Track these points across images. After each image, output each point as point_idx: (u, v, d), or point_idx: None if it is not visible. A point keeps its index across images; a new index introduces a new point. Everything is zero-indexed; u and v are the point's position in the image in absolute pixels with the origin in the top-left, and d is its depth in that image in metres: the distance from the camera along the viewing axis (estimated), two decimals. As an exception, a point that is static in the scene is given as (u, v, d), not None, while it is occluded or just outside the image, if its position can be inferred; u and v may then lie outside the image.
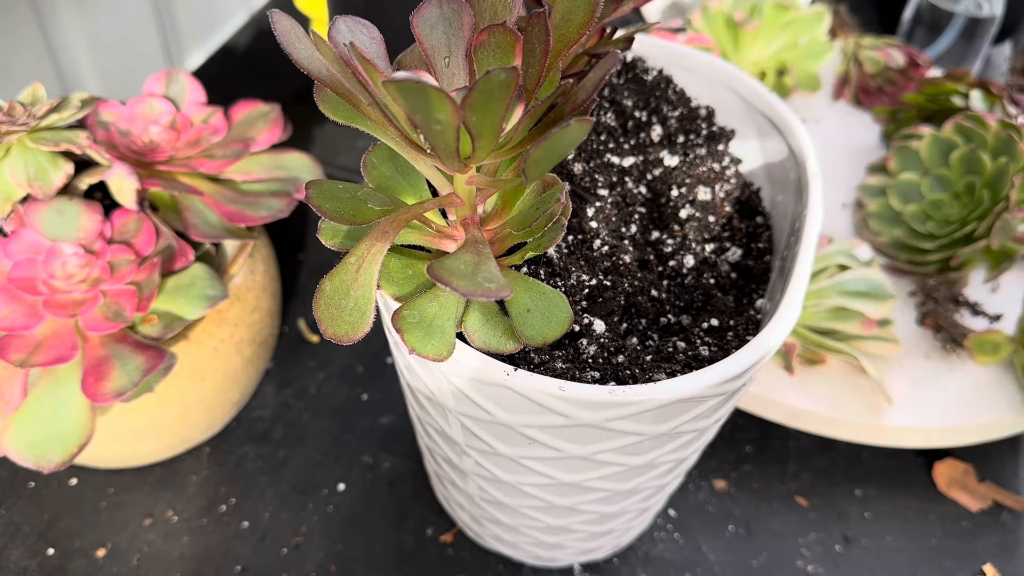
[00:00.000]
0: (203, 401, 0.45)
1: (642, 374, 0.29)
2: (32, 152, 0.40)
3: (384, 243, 0.26)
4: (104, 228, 0.40)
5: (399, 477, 0.48)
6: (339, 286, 0.26)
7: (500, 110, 0.21)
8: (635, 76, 0.40)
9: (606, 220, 0.34)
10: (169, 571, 0.44)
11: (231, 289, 0.43)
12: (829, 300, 0.49)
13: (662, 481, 0.36)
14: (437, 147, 0.23)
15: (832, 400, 0.48)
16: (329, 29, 0.24)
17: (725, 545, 0.47)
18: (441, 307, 0.27)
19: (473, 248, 0.25)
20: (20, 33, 0.58)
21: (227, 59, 0.75)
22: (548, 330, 0.28)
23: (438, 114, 0.21)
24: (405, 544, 0.46)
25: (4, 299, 0.38)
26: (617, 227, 0.34)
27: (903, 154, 0.58)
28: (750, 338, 0.31)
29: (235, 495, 0.47)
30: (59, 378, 0.38)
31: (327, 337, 0.26)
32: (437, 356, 0.27)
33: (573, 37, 0.26)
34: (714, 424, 0.33)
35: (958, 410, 0.49)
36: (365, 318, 0.26)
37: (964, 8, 0.70)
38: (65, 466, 0.37)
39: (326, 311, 0.26)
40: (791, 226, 0.34)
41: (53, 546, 0.44)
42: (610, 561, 0.45)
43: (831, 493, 0.49)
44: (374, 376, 0.53)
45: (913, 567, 0.46)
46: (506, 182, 0.26)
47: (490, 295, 0.23)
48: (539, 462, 0.32)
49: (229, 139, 0.46)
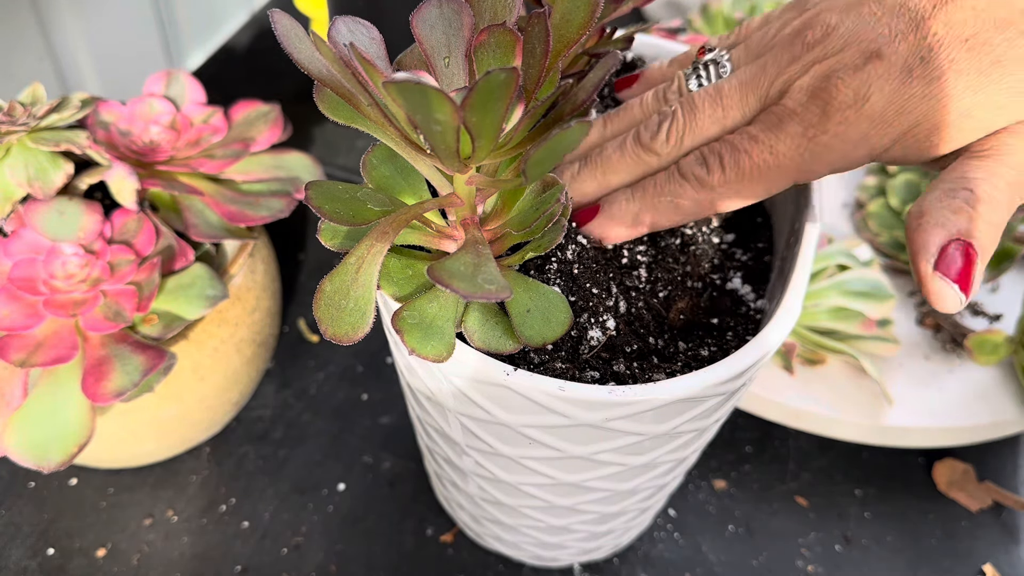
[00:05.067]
0: (203, 401, 0.45)
1: (642, 374, 0.29)
2: (32, 152, 0.40)
3: (384, 243, 0.26)
4: (104, 228, 0.40)
5: (399, 477, 0.48)
6: (339, 286, 0.26)
7: (500, 111, 0.21)
8: (635, 76, 0.40)
9: None
10: (169, 571, 0.44)
11: (231, 289, 0.43)
12: (829, 300, 0.49)
13: (662, 481, 0.36)
14: (437, 147, 0.23)
15: (832, 400, 0.48)
16: (329, 29, 0.24)
17: (725, 545, 0.47)
18: (441, 307, 0.27)
19: (473, 249, 0.25)
20: (21, 33, 0.58)
21: (227, 59, 0.75)
22: (548, 331, 0.28)
23: (438, 115, 0.21)
24: (405, 544, 0.46)
25: (4, 299, 0.38)
26: None
27: (903, 154, 0.58)
28: (750, 338, 0.31)
29: (235, 495, 0.47)
30: (59, 378, 0.38)
31: (327, 338, 0.26)
32: (437, 357, 0.27)
33: (573, 37, 0.26)
34: (714, 424, 0.33)
35: (958, 410, 0.49)
36: (365, 318, 0.26)
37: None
38: (65, 466, 0.37)
39: (326, 311, 0.26)
40: (791, 226, 0.34)
41: (53, 546, 0.44)
42: (610, 561, 0.45)
43: (831, 493, 0.49)
44: (374, 376, 0.53)
45: (913, 567, 0.47)
46: (506, 182, 0.26)
47: (490, 297, 0.23)
48: (539, 462, 0.32)
49: (229, 139, 0.46)
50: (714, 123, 0.30)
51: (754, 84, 0.30)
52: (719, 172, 0.29)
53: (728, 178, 0.29)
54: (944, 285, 0.26)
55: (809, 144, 0.28)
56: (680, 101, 0.31)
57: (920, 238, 0.27)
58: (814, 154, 0.28)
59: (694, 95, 0.31)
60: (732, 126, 0.30)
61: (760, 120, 0.29)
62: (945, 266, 0.26)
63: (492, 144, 0.23)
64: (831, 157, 0.28)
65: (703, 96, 0.31)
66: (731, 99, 0.30)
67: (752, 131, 0.29)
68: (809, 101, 0.28)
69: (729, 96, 0.30)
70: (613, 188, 0.32)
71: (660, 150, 0.31)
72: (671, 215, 0.31)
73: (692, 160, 0.30)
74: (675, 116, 0.31)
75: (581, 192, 0.33)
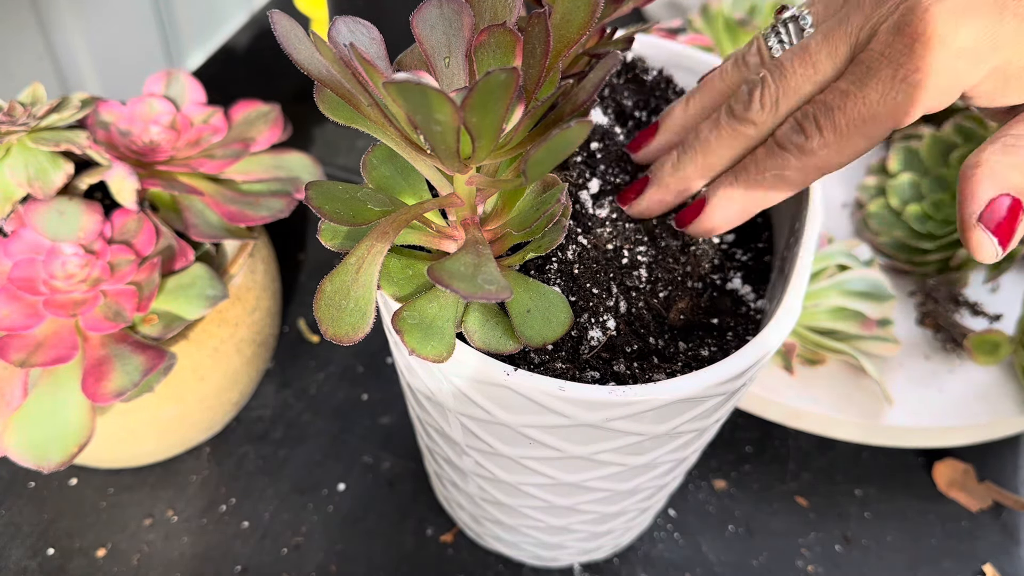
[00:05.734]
0: (203, 401, 0.45)
1: (642, 374, 0.29)
2: (32, 152, 0.40)
3: (384, 243, 0.26)
4: (104, 228, 0.40)
5: (399, 477, 0.48)
6: (339, 287, 0.26)
7: (500, 111, 0.21)
8: (635, 76, 0.40)
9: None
10: (169, 571, 0.44)
11: (231, 289, 0.43)
12: (829, 300, 0.49)
13: (662, 481, 0.36)
14: (437, 148, 0.23)
15: (832, 400, 0.48)
16: (329, 30, 0.24)
17: (725, 545, 0.47)
18: (441, 308, 0.27)
19: (473, 249, 0.25)
20: (21, 33, 0.58)
21: (227, 59, 0.75)
22: (548, 331, 0.28)
23: (438, 115, 0.21)
24: (405, 544, 0.46)
25: (4, 299, 0.38)
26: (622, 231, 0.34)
27: (903, 154, 0.58)
28: (750, 338, 0.31)
29: (235, 495, 0.47)
30: (59, 378, 0.38)
31: (328, 338, 0.26)
32: (437, 357, 0.27)
33: (573, 37, 0.26)
34: (714, 424, 0.33)
35: (958, 410, 0.49)
36: (365, 318, 0.26)
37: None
38: (65, 466, 0.37)
39: (326, 312, 0.26)
40: (791, 226, 0.34)
41: (53, 546, 0.44)
42: (610, 561, 0.45)
43: (831, 493, 0.49)
44: (374, 376, 0.53)
45: (913, 567, 0.47)
46: (506, 182, 0.26)
47: (490, 297, 0.23)
48: (539, 462, 0.32)
49: (229, 139, 0.46)
50: (806, 81, 0.29)
51: (841, 34, 0.28)
52: (817, 136, 0.28)
53: (827, 140, 0.28)
54: (984, 236, 0.26)
55: (901, 85, 0.27)
56: (767, 65, 0.30)
57: (970, 188, 0.26)
58: (907, 95, 0.27)
59: (781, 57, 0.30)
60: (825, 81, 0.29)
61: (849, 72, 0.28)
62: (988, 218, 0.26)
63: (492, 144, 0.23)
64: (924, 96, 0.27)
65: (790, 56, 0.29)
66: (819, 54, 0.29)
67: (842, 86, 0.28)
68: (895, 39, 0.27)
69: (816, 51, 0.29)
70: (716, 171, 0.31)
71: (756, 119, 0.30)
72: (780, 189, 0.30)
73: (787, 129, 0.29)
74: (765, 82, 0.30)
75: (685, 181, 0.32)
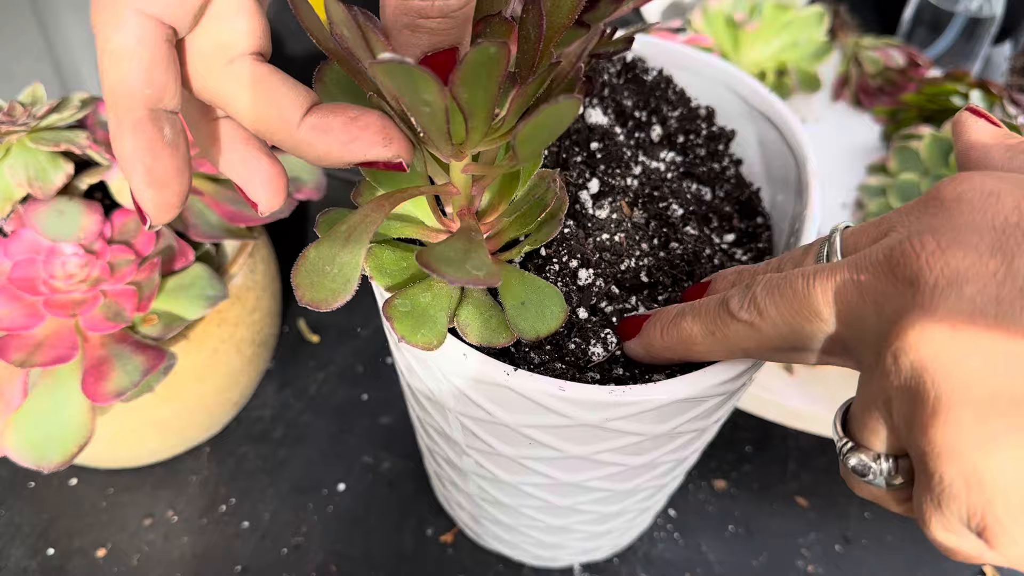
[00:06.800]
0: (203, 401, 0.44)
1: (641, 375, 0.29)
2: (32, 152, 0.40)
3: (379, 214, 0.25)
4: (104, 228, 0.40)
5: (399, 477, 0.48)
6: (325, 252, 0.25)
7: (492, 87, 0.21)
8: (635, 76, 0.40)
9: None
10: (169, 571, 0.44)
11: (231, 289, 0.43)
12: (829, 300, 0.49)
13: (662, 481, 0.36)
14: (429, 130, 0.23)
15: (832, 400, 0.48)
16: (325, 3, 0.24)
17: (725, 545, 0.47)
18: (434, 297, 0.27)
19: (465, 236, 0.25)
20: (20, 34, 0.58)
21: (227, 59, 0.75)
22: (542, 324, 0.28)
23: (425, 95, 0.20)
24: (405, 544, 0.46)
25: (4, 299, 0.38)
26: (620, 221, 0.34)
27: (903, 154, 0.58)
28: (750, 338, 0.31)
29: (235, 495, 0.47)
30: (59, 378, 0.38)
31: (303, 303, 0.25)
32: (427, 345, 0.27)
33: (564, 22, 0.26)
34: (714, 424, 0.33)
35: (958, 410, 0.48)
36: (348, 285, 0.25)
37: (964, 8, 0.70)
38: (65, 466, 0.37)
39: (305, 277, 0.25)
40: (791, 226, 0.34)
41: (53, 546, 0.44)
42: (610, 561, 0.45)
43: (831, 493, 0.49)
44: (374, 376, 0.53)
45: (913, 567, 0.46)
46: (500, 167, 0.25)
47: (478, 282, 0.22)
48: (539, 462, 0.32)
49: (229, 139, 0.46)
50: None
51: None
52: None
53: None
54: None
55: None
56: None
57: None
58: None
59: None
60: None
61: None
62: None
63: (486, 125, 0.23)
64: None
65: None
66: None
67: None
68: None
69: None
70: None
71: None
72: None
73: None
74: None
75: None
